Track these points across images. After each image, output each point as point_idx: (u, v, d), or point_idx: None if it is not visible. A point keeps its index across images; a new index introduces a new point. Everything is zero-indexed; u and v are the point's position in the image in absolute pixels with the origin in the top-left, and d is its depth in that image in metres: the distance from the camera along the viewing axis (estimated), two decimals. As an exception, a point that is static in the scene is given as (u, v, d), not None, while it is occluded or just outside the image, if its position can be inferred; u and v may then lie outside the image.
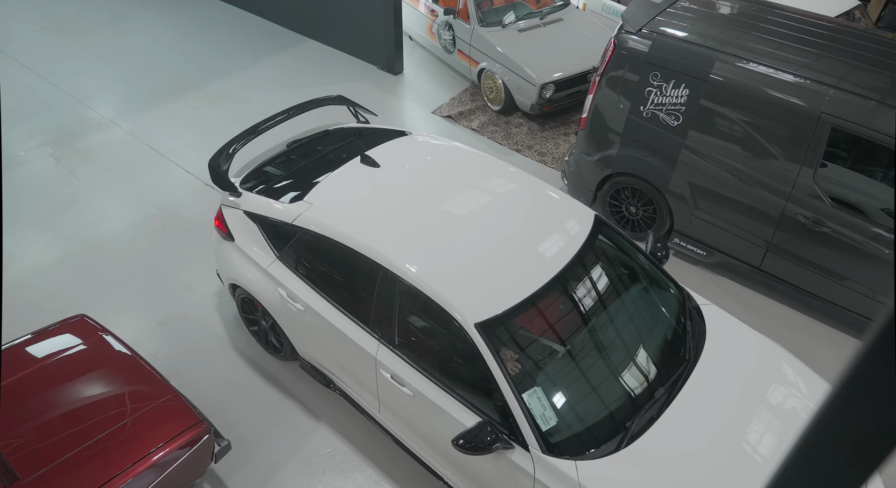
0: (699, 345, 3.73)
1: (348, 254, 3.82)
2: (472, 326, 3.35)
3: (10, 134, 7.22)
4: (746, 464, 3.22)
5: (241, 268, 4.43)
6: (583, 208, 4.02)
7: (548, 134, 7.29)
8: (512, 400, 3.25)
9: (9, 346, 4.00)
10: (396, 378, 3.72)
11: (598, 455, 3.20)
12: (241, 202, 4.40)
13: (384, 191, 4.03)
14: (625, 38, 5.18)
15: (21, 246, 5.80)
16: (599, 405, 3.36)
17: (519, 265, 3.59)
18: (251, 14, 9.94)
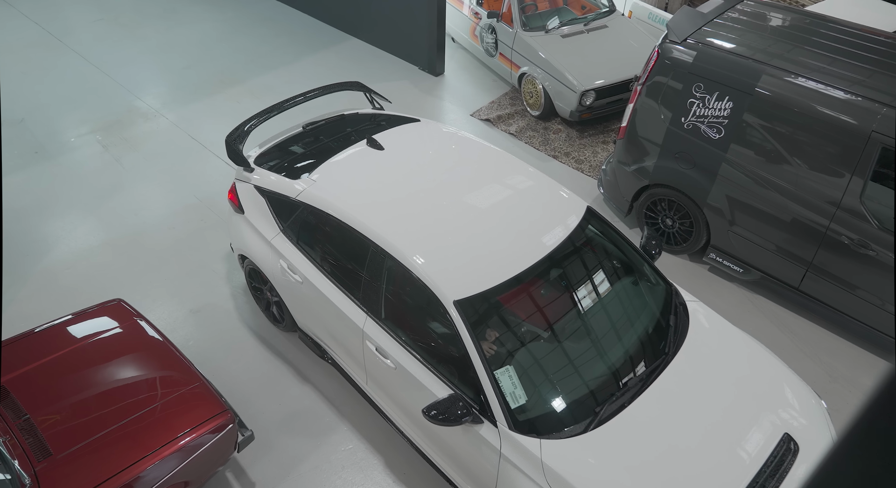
0: (679, 340, 3.74)
1: (343, 230, 4.00)
2: (451, 303, 3.46)
3: (63, 120, 7.47)
4: (713, 458, 3.24)
5: (248, 240, 4.65)
6: (575, 199, 4.10)
7: (586, 141, 7.22)
8: (484, 376, 3.36)
9: (50, 326, 4.14)
10: (381, 350, 3.86)
11: (563, 436, 3.28)
12: (253, 177, 4.61)
13: (383, 173, 4.18)
14: (669, 47, 5.09)
15: (66, 229, 6.00)
16: (570, 389, 3.45)
17: (504, 248, 3.69)
18: (297, 11, 10.09)
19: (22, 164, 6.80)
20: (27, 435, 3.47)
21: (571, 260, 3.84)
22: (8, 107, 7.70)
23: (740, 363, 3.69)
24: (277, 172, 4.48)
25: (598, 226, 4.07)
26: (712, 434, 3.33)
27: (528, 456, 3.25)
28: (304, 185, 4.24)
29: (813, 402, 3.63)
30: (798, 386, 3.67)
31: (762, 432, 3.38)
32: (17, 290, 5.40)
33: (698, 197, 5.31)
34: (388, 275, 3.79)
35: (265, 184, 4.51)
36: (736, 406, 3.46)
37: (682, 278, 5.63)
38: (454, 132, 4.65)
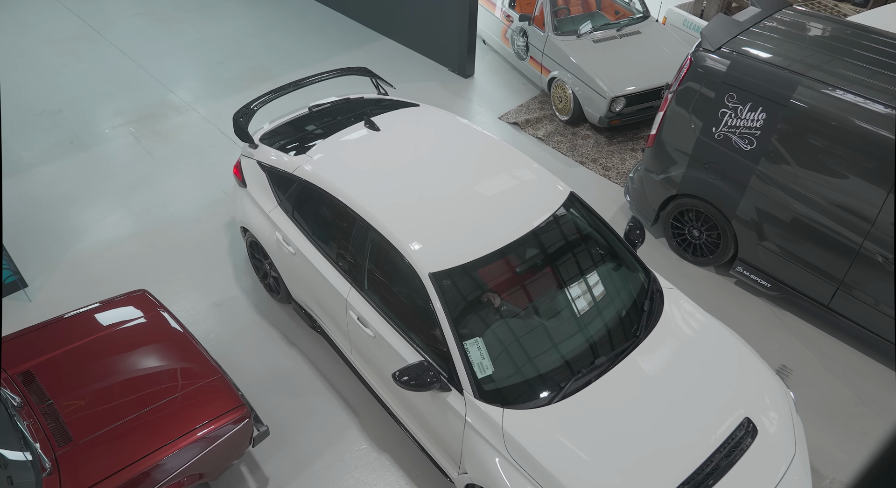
0: (651, 324, 3.83)
1: (333, 204, 4.19)
2: (426, 275, 3.62)
3: (99, 111, 7.64)
4: (671, 436, 3.33)
5: (249, 212, 4.90)
6: (560, 184, 4.23)
7: (614, 148, 7.13)
8: (453, 346, 3.51)
9: (77, 313, 4.22)
10: (362, 319, 4.05)
11: (525, 406, 3.41)
12: (256, 153, 4.84)
13: (376, 152, 4.36)
14: (702, 55, 5.00)
15: (97, 218, 6.12)
16: (537, 363, 3.57)
17: (484, 226, 3.83)
18: (331, 9, 10.17)
19: (58, 154, 6.96)
20: (50, 420, 3.54)
21: (550, 241, 3.98)
22: (47, 97, 7.90)
23: (709, 349, 3.77)
24: (278, 149, 4.69)
25: (579, 211, 4.19)
26: (673, 413, 3.42)
27: (490, 424, 3.39)
28: (300, 161, 4.44)
29: (779, 391, 3.70)
30: (765, 375, 3.73)
31: (723, 414, 3.45)
32: (48, 277, 5.53)
33: (727, 208, 5.21)
34: (372, 248, 3.95)
35: (266, 159, 4.72)
36: (699, 388, 3.55)
37: (707, 291, 5.53)
38: (450, 116, 4.79)
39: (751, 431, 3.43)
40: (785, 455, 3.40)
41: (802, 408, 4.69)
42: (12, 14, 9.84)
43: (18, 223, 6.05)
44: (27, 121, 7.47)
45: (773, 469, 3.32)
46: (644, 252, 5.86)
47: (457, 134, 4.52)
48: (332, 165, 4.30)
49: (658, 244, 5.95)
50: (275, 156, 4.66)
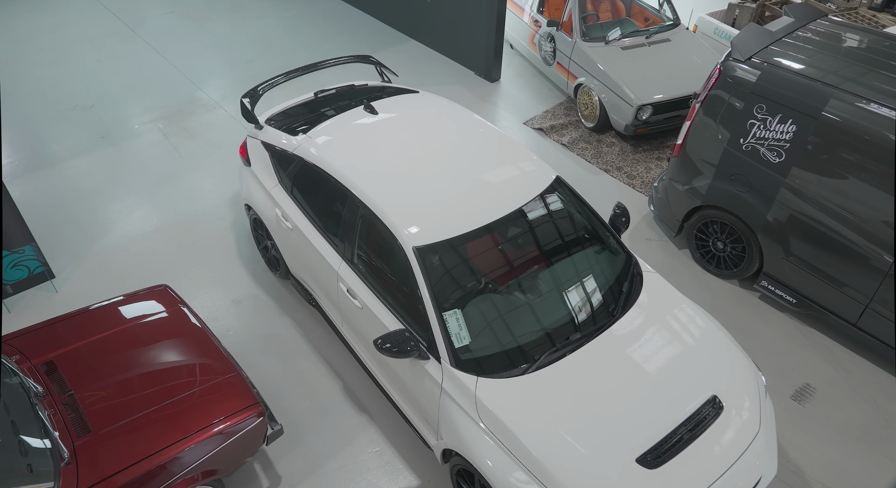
0: (629, 304, 3.96)
1: (328, 181, 4.38)
2: (410, 249, 3.79)
3: (130, 107, 7.78)
4: (638, 409, 3.46)
5: (252, 190, 5.15)
6: (546, 168, 4.37)
7: (640, 156, 7.05)
8: (433, 317, 3.68)
9: (102, 305, 4.29)
10: (351, 291, 4.25)
11: (499, 376, 3.57)
12: (260, 134, 5.08)
13: (372, 133, 4.54)
14: (732, 65, 4.91)
15: (123, 213, 6.23)
16: (513, 336, 3.73)
17: (470, 204, 4.00)
18: (360, 11, 10.23)
19: (89, 148, 7.10)
20: (70, 411, 3.60)
21: (533, 221, 4.13)
22: (81, 92, 8.07)
23: (684, 330, 3.88)
24: (281, 130, 4.89)
25: (563, 195, 4.33)
26: (642, 388, 3.55)
27: (464, 391, 3.56)
28: (300, 141, 4.64)
29: (749, 374, 3.80)
30: (737, 358, 3.84)
31: (691, 391, 3.58)
32: (74, 269, 5.64)
33: (753, 221, 5.11)
34: (362, 223, 4.14)
35: (270, 139, 4.94)
36: (670, 366, 3.67)
37: (730, 304, 5.43)
38: (447, 103, 4.96)
39: (717, 408, 3.55)
40: (749, 432, 3.52)
41: (825, 429, 4.57)
42: (52, 11, 10.08)
43: (48, 215, 6.18)
44: (61, 115, 7.64)
45: (735, 444, 3.45)
46: (666, 263, 5.78)
47: (451, 119, 4.70)
48: (329, 145, 4.49)
49: (681, 255, 5.87)
50: (277, 137, 4.86)
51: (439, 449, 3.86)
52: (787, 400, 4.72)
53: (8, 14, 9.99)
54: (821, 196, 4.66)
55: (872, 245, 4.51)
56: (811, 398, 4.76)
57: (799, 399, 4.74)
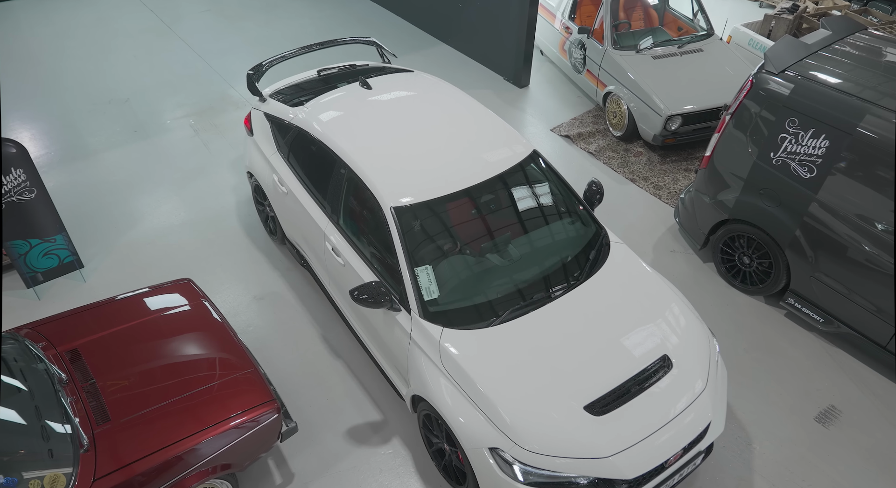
0: (593, 270, 4.21)
1: (320, 147, 4.69)
2: (389, 209, 4.07)
3: (162, 102, 7.93)
4: (591, 363, 3.71)
5: (253, 158, 5.52)
6: (525, 142, 4.64)
7: (667, 167, 6.97)
8: (406, 271, 3.96)
9: (128, 296, 4.37)
10: (335, 249, 4.56)
11: (462, 328, 3.84)
12: (263, 106, 5.45)
13: (364, 106, 4.84)
14: (765, 78, 4.83)
15: (152, 206, 6.35)
16: (479, 292, 4.01)
17: (447, 171, 4.26)
18: (392, 13, 10.30)
19: (122, 141, 7.26)
20: (91, 399, 3.67)
21: (506, 189, 4.39)
22: (117, 87, 8.25)
23: (643, 296, 4.11)
24: (282, 102, 5.23)
25: (539, 167, 4.59)
26: (597, 345, 3.80)
27: (430, 340, 3.84)
28: (298, 112, 4.98)
29: (703, 339, 4.01)
30: (692, 323, 4.05)
31: (643, 350, 3.82)
32: (102, 259, 5.76)
33: (781, 237, 5.01)
34: (348, 185, 4.44)
35: (271, 111, 5.31)
36: (626, 327, 3.91)
37: (755, 321, 5.33)
38: (437, 81, 5.25)
39: (666, 366, 3.79)
40: (694, 390, 3.75)
41: (850, 454, 4.45)
42: (94, 7, 10.34)
43: (81, 206, 6.32)
44: (97, 109, 7.82)
45: (679, 399, 3.70)
46: (690, 276, 5.70)
47: (440, 95, 4.99)
48: (324, 115, 4.81)
49: (706, 269, 5.77)
50: (278, 108, 5.22)
51: (409, 397, 4.15)
52: (811, 422, 4.62)
53: (51, 9, 10.27)
54: (853, 214, 4.55)
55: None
56: (836, 421, 4.64)
57: (823, 421, 4.63)
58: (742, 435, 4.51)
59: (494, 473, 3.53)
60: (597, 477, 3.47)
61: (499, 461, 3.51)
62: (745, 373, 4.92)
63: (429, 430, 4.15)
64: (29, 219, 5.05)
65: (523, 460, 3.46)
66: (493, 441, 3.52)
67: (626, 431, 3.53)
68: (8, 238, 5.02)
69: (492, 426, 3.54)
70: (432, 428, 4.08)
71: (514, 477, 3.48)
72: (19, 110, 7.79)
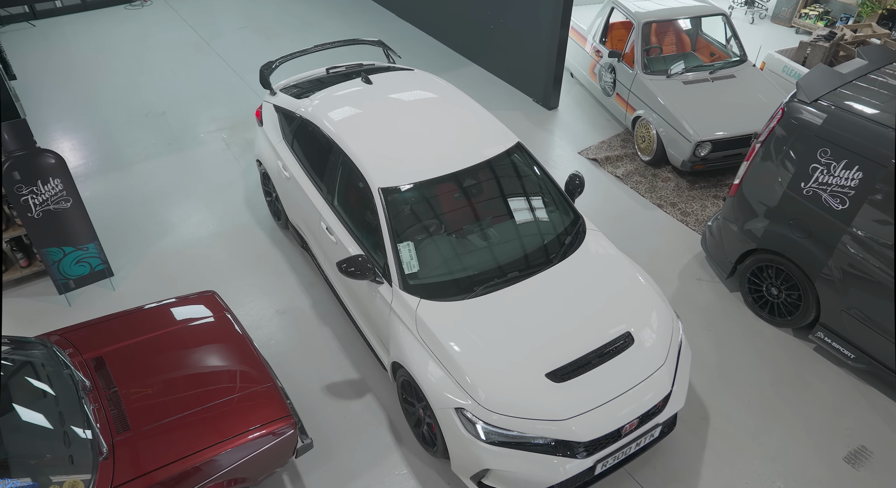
0: (568, 253, 4.47)
1: (320, 135, 5.04)
2: (376, 189, 4.39)
3: (197, 116, 8.13)
4: (558, 335, 3.97)
5: (262, 147, 5.94)
6: (510, 135, 4.93)
7: (696, 193, 6.88)
8: (389, 246, 4.28)
9: (156, 306, 4.46)
10: (329, 229, 4.89)
11: (438, 300, 4.13)
12: (273, 99, 5.86)
13: (363, 99, 5.20)
14: (797, 106, 4.76)
15: (182, 217, 6.48)
16: (457, 269, 4.32)
17: (434, 158, 4.57)
18: (424, 33, 10.43)
19: (156, 153, 7.45)
20: (112, 407, 3.73)
21: (488, 176, 4.71)
22: (154, 100, 8.49)
23: (612, 278, 4.37)
24: (290, 95, 5.63)
25: (522, 157, 4.88)
26: (565, 320, 4.06)
27: (407, 310, 4.13)
28: (302, 103, 5.35)
29: (666, 320, 4.23)
30: (660, 307, 4.28)
31: (607, 326, 4.06)
32: (132, 268, 5.88)
33: (810, 269, 4.90)
34: (342, 169, 4.78)
35: (280, 103, 5.71)
36: (593, 305, 4.17)
37: (782, 354, 5.19)
38: (435, 78, 5.60)
39: (627, 342, 4.02)
40: (652, 365, 3.96)
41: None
42: (137, 22, 10.69)
43: (114, 215, 6.49)
44: (134, 121, 8.04)
45: (636, 372, 3.91)
46: (716, 305, 5.60)
47: (435, 91, 5.33)
48: (325, 106, 5.18)
49: (732, 298, 5.66)
50: (286, 101, 5.62)
51: (389, 364, 4.43)
52: (840, 463, 4.46)
53: (98, 24, 10.66)
54: (887, 247, 4.43)
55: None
56: (867, 462, 4.48)
57: (853, 462, 4.48)
58: (766, 472, 4.38)
59: (459, 432, 3.78)
60: (554, 438, 3.70)
61: (463, 420, 3.77)
62: (771, 408, 4.79)
63: (407, 398, 4.41)
64: (64, 228, 5.19)
65: (486, 420, 3.71)
66: (458, 401, 3.79)
67: (583, 398, 3.76)
68: (43, 245, 5.17)
69: (458, 388, 3.82)
70: (410, 394, 4.32)
71: (476, 435, 3.73)
72: (62, 121, 8.06)
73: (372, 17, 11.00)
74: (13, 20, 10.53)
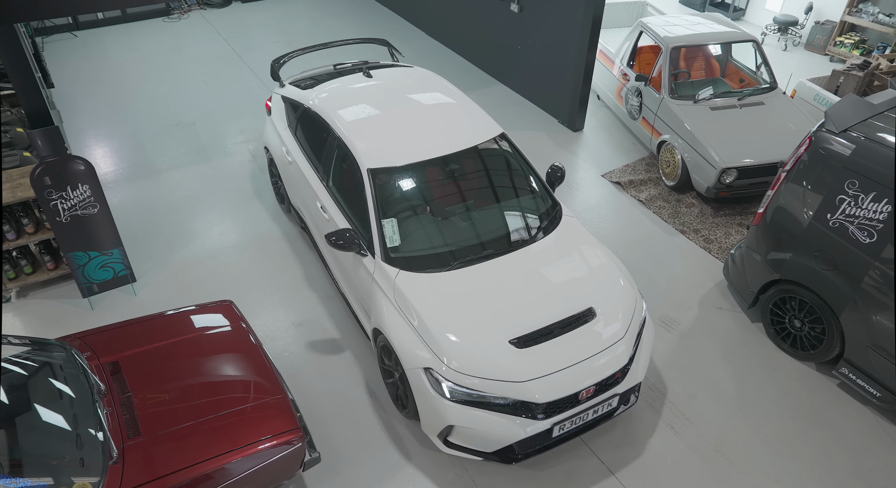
0: (543, 236, 4.81)
1: (319, 121, 5.44)
2: (365, 170, 4.77)
3: (226, 127, 8.29)
4: (525, 306, 4.27)
5: (269, 134, 6.40)
6: (495, 125, 5.30)
7: (720, 220, 6.78)
8: (373, 222, 4.64)
9: (172, 313, 4.52)
10: (323, 207, 5.27)
11: (416, 271, 4.47)
12: (282, 90, 6.31)
13: (362, 90, 5.61)
14: (825, 136, 4.68)
15: (206, 226, 6.58)
16: (436, 245, 4.67)
17: (421, 143, 4.94)
18: (453, 52, 10.53)
19: (185, 162, 7.60)
20: (125, 412, 3.77)
21: (472, 161, 5.13)
22: (186, 110, 8.68)
23: (582, 259, 4.69)
24: (296, 87, 6.05)
25: (505, 147, 5.27)
26: (533, 294, 4.37)
27: (387, 280, 4.48)
28: (307, 94, 5.78)
29: (629, 299, 4.51)
30: (625, 288, 4.57)
31: (572, 301, 4.35)
32: (154, 275, 5.98)
33: (835, 303, 4.77)
34: (337, 152, 5.15)
35: (287, 94, 6.16)
36: (561, 282, 4.48)
37: (803, 389, 5.05)
38: (431, 74, 5.99)
39: (590, 315, 4.31)
40: (611, 338, 4.24)
41: (901, 541, 4.12)
42: (173, 35, 10.98)
43: (139, 222, 6.62)
44: (165, 130, 8.23)
45: (595, 343, 4.19)
46: (736, 335, 5.48)
47: (430, 85, 5.72)
48: (326, 96, 5.60)
49: (754, 329, 5.54)
50: (293, 91, 6.04)
51: (370, 330, 4.79)
52: (860, 504, 4.31)
53: (135, 36, 10.97)
54: (915, 284, 4.30)
55: (972, 344, 4.10)
56: (888, 504, 4.32)
57: (873, 504, 4.32)
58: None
59: (427, 390, 4.09)
60: (514, 399, 3.99)
61: (431, 380, 4.08)
62: (790, 444, 4.65)
63: (385, 361, 4.71)
64: (90, 233, 5.31)
65: (451, 379, 4.02)
66: (427, 362, 4.10)
67: (543, 363, 4.05)
68: (70, 249, 5.29)
69: (428, 350, 4.12)
70: (388, 358, 4.62)
71: (442, 393, 4.04)
72: (97, 128, 8.28)
73: (402, 34, 11.15)
74: (58, 30, 10.90)
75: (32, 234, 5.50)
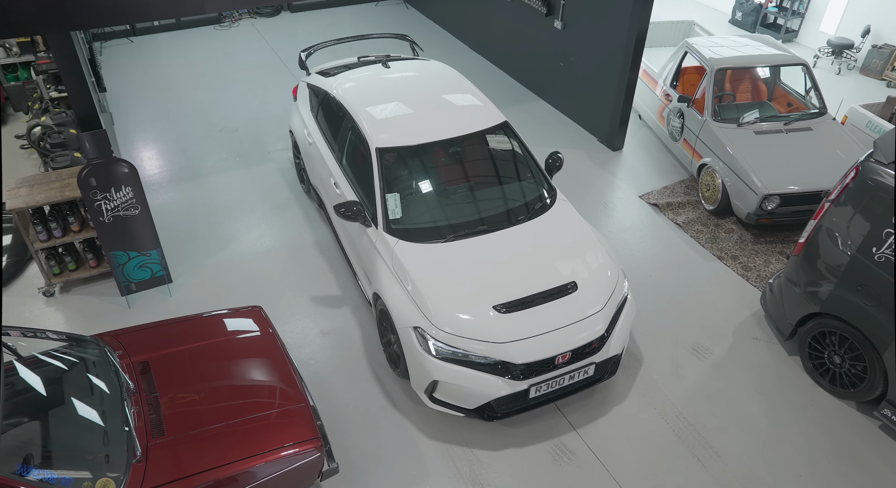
0: (535, 216, 5.17)
1: (338, 106, 5.88)
2: (374, 149, 5.20)
3: (267, 134, 8.46)
4: (510, 278, 4.63)
5: (294, 119, 6.91)
6: (499, 114, 5.69)
7: (760, 248, 6.59)
8: (378, 195, 5.06)
9: (202, 317, 4.61)
10: (337, 184, 5.72)
11: (414, 242, 4.88)
12: (308, 78, 6.79)
13: (379, 79, 6.08)
14: (872, 167, 4.50)
15: (242, 231, 6.72)
16: (435, 219, 5.06)
17: (428, 127, 5.38)
18: (496, 67, 10.55)
19: (226, 168, 7.78)
20: (151, 411, 3.85)
21: (474, 145, 5.51)
22: (230, 116, 8.90)
23: (571, 238, 5.06)
24: (321, 75, 6.51)
25: (506, 134, 5.62)
26: (521, 267, 4.73)
27: (387, 248, 4.89)
28: (329, 81, 6.24)
29: (612, 277, 4.84)
30: (609, 266, 4.91)
31: (556, 275, 4.69)
32: (189, 277, 6.12)
33: (879, 341, 4.57)
34: (351, 133, 5.60)
35: (312, 81, 6.63)
36: (547, 258, 4.82)
37: (842, 428, 4.84)
38: (446, 67, 6.39)
39: (571, 288, 4.65)
40: (589, 310, 4.58)
41: None
42: (222, 43, 11.30)
43: (179, 224, 6.79)
44: (209, 136, 8.45)
45: (573, 313, 4.53)
46: (772, 368, 5.29)
47: (443, 76, 6.15)
48: (346, 83, 6.05)
49: (790, 362, 5.35)
50: (317, 79, 6.50)
51: (371, 295, 5.18)
52: (897, 554, 4.09)
53: (187, 42, 11.33)
54: (965, 325, 4.09)
55: None
56: (927, 557, 4.09)
57: (912, 555, 4.10)
58: (812, 555, 4.06)
59: (415, 347, 4.47)
60: (494, 358, 4.34)
61: (419, 338, 4.46)
62: (825, 486, 4.46)
63: (383, 323, 5.05)
64: (130, 234, 5.47)
65: (437, 338, 4.39)
66: (416, 321, 4.48)
67: (522, 328, 4.40)
68: (111, 248, 5.46)
69: (418, 311, 4.51)
70: (385, 321, 4.94)
71: (428, 350, 4.41)
72: (145, 131, 8.56)
73: (445, 46, 11.22)
74: (115, 36, 11.33)
75: (77, 233, 5.70)
